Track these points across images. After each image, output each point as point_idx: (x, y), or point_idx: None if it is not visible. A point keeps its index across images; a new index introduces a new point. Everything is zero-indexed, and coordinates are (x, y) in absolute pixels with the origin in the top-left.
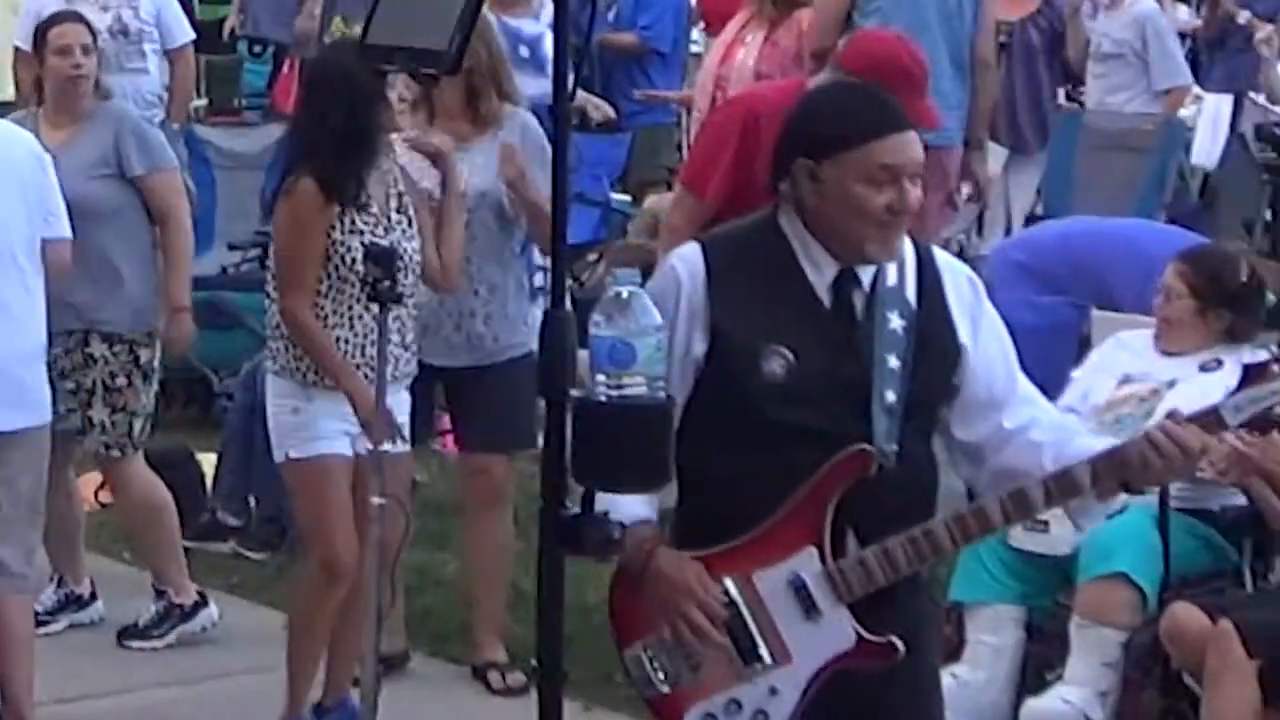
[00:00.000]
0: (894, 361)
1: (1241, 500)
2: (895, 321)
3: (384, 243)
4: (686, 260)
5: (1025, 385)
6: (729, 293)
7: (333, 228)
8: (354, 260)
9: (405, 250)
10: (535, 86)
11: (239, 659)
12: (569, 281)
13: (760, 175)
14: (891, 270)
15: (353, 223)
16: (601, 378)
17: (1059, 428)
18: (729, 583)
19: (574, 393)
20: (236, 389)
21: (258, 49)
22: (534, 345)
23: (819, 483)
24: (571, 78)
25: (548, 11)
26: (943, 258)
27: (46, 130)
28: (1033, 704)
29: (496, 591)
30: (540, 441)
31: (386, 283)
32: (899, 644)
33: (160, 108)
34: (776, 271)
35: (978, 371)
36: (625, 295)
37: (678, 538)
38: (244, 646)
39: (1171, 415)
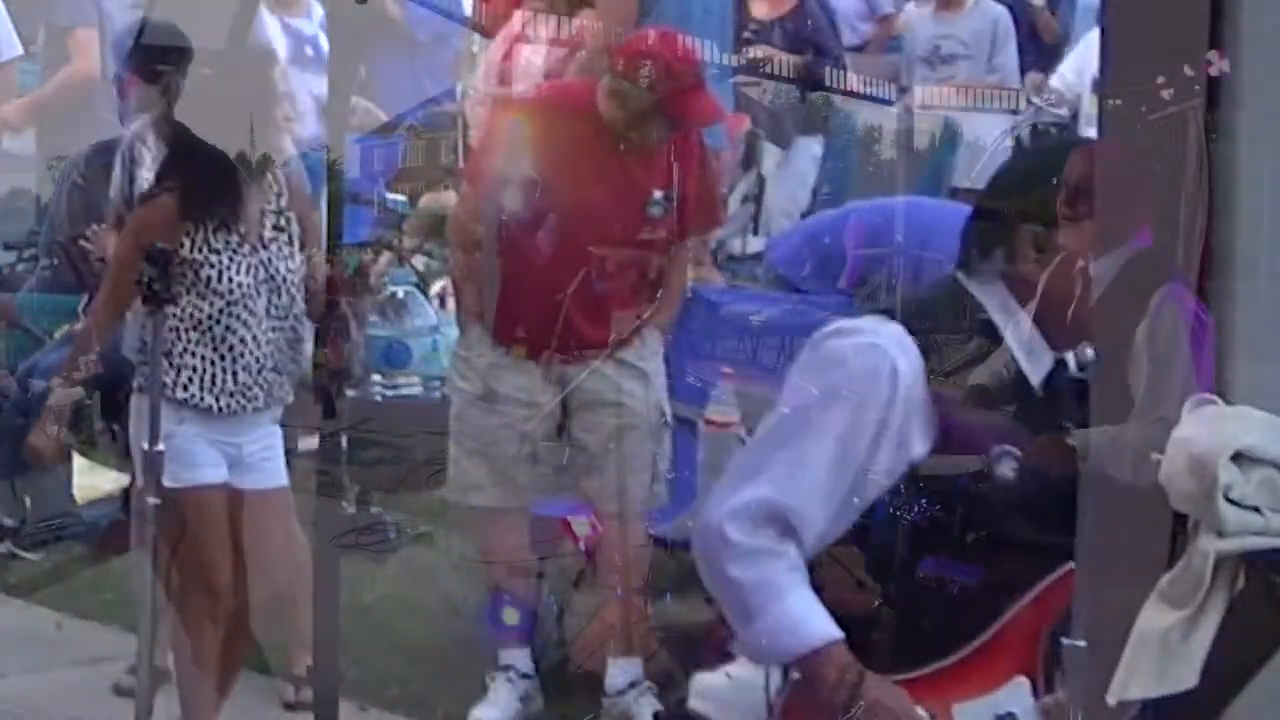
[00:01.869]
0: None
1: None
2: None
3: (254, 261)
4: (903, 347)
5: None
6: (950, 385)
7: (180, 246)
8: (210, 280)
9: (278, 270)
10: (321, 86)
11: (13, 660)
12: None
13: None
14: None
15: (207, 242)
16: (378, 377)
17: None
18: (923, 714)
19: (350, 392)
20: (10, 388)
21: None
22: None
23: (1035, 603)
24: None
25: (317, 10)
26: None
27: None
28: None
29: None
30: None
31: (159, 285)
32: None
33: None
34: (989, 360)
35: None
36: (401, 296)
37: (861, 652)
38: (18, 647)
39: None
